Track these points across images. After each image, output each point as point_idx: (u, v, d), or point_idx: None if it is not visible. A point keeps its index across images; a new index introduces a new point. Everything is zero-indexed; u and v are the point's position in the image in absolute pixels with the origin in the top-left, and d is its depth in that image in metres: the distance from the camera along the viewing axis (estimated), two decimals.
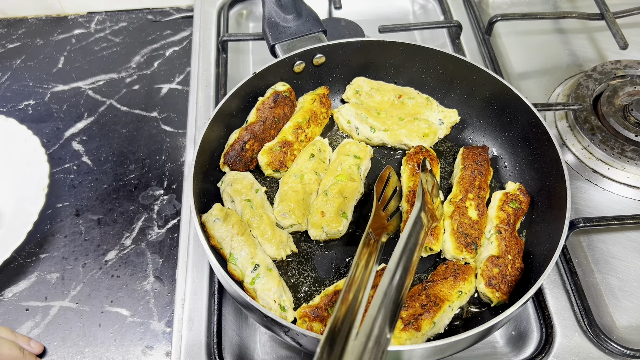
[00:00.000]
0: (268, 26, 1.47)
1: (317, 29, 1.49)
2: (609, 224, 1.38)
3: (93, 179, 1.55)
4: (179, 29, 1.96)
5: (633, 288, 1.33)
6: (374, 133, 1.45)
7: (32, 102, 1.73)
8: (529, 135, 1.37)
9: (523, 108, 1.35)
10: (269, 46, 1.47)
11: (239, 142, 1.35)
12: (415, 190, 1.31)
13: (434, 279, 1.19)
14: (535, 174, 1.37)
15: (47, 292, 1.34)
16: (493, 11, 2.00)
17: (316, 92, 1.50)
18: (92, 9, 2.01)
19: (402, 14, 2.02)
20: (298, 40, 1.46)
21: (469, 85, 1.47)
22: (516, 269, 1.20)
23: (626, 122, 1.54)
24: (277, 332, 1.05)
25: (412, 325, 1.08)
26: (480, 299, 1.23)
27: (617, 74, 1.68)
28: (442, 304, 1.13)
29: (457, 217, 1.27)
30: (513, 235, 1.25)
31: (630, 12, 1.81)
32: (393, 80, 1.56)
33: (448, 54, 1.45)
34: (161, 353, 1.25)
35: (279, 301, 1.13)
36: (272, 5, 1.47)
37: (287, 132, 1.41)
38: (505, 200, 1.30)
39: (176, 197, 1.52)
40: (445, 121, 1.49)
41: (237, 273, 1.17)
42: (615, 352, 1.19)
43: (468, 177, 1.34)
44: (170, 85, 1.79)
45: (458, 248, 1.24)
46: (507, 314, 1.02)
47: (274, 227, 1.26)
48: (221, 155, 1.37)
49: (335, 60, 1.49)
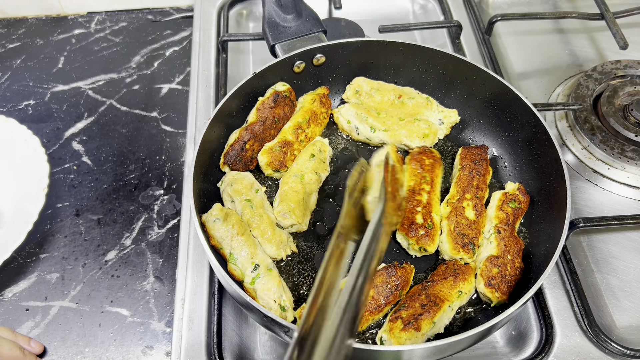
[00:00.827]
0: (268, 26, 1.47)
1: (317, 28, 1.49)
2: (609, 224, 1.38)
3: (93, 179, 1.55)
4: (179, 29, 1.96)
5: (633, 288, 1.33)
6: (374, 133, 1.45)
7: (32, 102, 1.73)
8: (529, 135, 1.37)
9: (523, 108, 1.35)
10: (269, 46, 1.47)
11: (239, 142, 1.35)
12: (415, 190, 1.31)
13: (434, 279, 1.19)
14: (535, 174, 1.37)
15: (47, 292, 1.34)
16: (493, 11, 2.00)
17: (316, 92, 1.50)
18: (92, 9, 2.01)
19: (402, 14, 2.02)
20: (298, 40, 1.46)
21: (469, 85, 1.47)
22: (515, 269, 1.20)
23: (626, 122, 1.54)
24: (277, 332, 1.05)
25: (412, 325, 1.08)
26: (480, 299, 1.23)
27: (617, 74, 1.68)
28: (442, 304, 1.13)
29: (454, 217, 1.27)
30: (512, 235, 1.25)
31: (630, 12, 1.81)
32: (393, 80, 1.55)
33: (448, 54, 1.45)
34: (161, 353, 1.25)
35: (279, 301, 1.13)
36: (272, 5, 1.47)
37: (287, 132, 1.41)
38: (505, 200, 1.30)
39: (176, 197, 1.52)
40: (445, 121, 1.49)
41: (237, 273, 1.17)
42: (615, 352, 1.19)
43: (465, 177, 1.34)
44: (170, 85, 1.79)
45: (455, 249, 1.24)
46: (507, 314, 1.02)
47: (274, 227, 1.26)
48: (221, 155, 1.36)
49: (336, 60, 1.49)
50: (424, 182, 1.32)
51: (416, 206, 1.29)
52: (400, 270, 1.18)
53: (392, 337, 1.08)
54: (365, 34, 1.74)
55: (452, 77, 1.49)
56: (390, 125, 1.45)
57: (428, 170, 1.34)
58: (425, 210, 1.28)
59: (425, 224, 1.26)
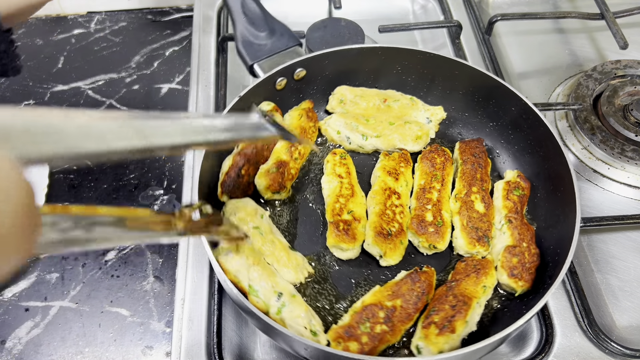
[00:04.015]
0: (243, 46, 1.42)
1: (293, 43, 1.45)
2: (609, 224, 1.38)
3: (93, 178, 1.55)
4: (179, 29, 1.96)
5: (633, 288, 1.33)
6: (366, 140, 1.43)
7: (32, 102, 1.73)
8: (518, 120, 1.38)
9: (506, 93, 1.36)
10: (247, 66, 1.42)
11: (234, 168, 1.30)
12: (425, 188, 1.32)
13: (457, 278, 1.18)
14: (531, 159, 1.38)
15: (47, 292, 1.34)
16: (493, 11, 2.00)
17: (301, 107, 1.46)
18: (92, 9, 2.01)
19: (402, 13, 2.02)
20: (276, 56, 1.42)
21: (451, 81, 1.47)
22: (532, 255, 1.21)
23: (626, 122, 1.54)
24: (299, 352, 1.04)
25: (448, 329, 1.07)
26: (501, 290, 1.23)
27: (617, 73, 1.67)
28: (470, 301, 1.13)
29: (465, 212, 1.28)
30: (523, 223, 1.26)
31: (630, 12, 1.81)
32: (374, 85, 1.54)
33: (426, 52, 1.44)
34: (161, 353, 1.25)
35: (309, 327, 1.08)
36: (244, 24, 1.42)
37: (281, 151, 1.36)
38: (509, 189, 1.31)
39: (176, 197, 1.52)
40: (432, 119, 1.49)
41: (261, 305, 1.10)
42: (615, 352, 1.19)
43: (469, 171, 1.34)
44: (170, 85, 1.79)
45: (471, 243, 1.24)
46: (544, 301, 1.03)
47: (288, 250, 1.22)
48: (218, 185, 1.30)
49: (315, 72, 1.46)
50: (434, 181, 1.33)
51: (426, 204, 1.29)
52: (423, 275, 1.16)
53: (430, 344, 1.06)
54: (366, 33, 1.74)
55: (433, 74, 1.49)
56: (382, 131, 1.44)
57: (439, 168, 1.35)
58: (436, 208, 1.29)
59: (435, 222, 1.26)
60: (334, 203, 1.29)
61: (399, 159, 1.38)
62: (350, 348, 1.06)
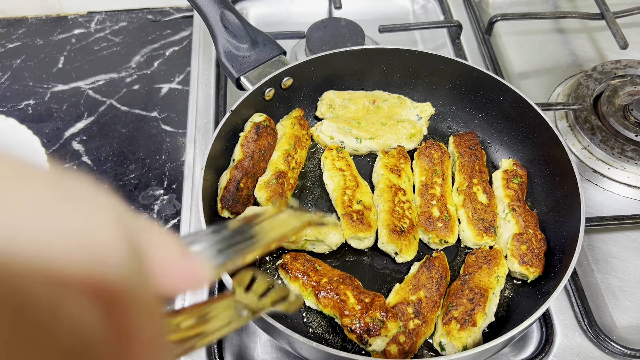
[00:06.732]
0: (227, 59, 1.39)
1: (277, 52, 1.43)
2: (609, 224, 1.38)
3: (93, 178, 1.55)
4: (179, 29, 1.96)
5: (633, 288, 1.33)
6: (360, 143, 1.43)
7: (32, 102, 1.73)
8: (508, 110, 1.40)
9: (493, 84, 1.38)
10: (233, 80, 1.40)
11: (232, 182, 1.27)
12: (427, 184, 1.33)
13: (470, 271, 1.19)
14: (524, 146, 1.40)
15: None
16: (493, 11, 2.00)
17: (292, 115, 1.46)
18: (92, 9, 2.00)
19: (402, 13, 2.02)
20: (262, 67, 1.40)
21: (437, 76, 1.48)
22: (539, 241, 1.22)
23: (626, 122, 1.54)
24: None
25: (469, 322, 1.08)
26: (512, 278, 1.25)
27: (617, 73, 1.68)
28: (487, 293, 1.14)
29: (469, 204, 1.29)
30: (526, 210, 1.27)
31: (630, 12, 1.81)
32: (360, 87, 1.54)
33: (410, 50, 1.44)
34: None
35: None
36: (225, 37, 1.40)
37: (278, 162, 1.34)
38: (507, 178, 1.32)
39: (176, 197, 1.52)
40: (422, 115, 1.49)
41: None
42: (615, 352, 1.19)
43: (467, 163, 1.35)
44: (170, 85, 1.79)
45: (478, 234, 1.25)
46: (561, 287, 1.04)
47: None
48: (217, 201, 1.28)
49: (301, 79, 1.45)
50: (435, 176, 1.34)
51: (431, 200, 1.30)
52: (436, 261, 1.19)
53: (453, 339, 1.07)
54: (366, 33, 1.74)
55: (418, 71, 1.49)
56: (375, 132, 1.43)
57: (438, 163, 1.36)
58: (441, 203, 1.30)
59: (443, 216, 1.27)
60: (341, 196, 1.30)
61: (398, 155, 1.38)
62: (392, 351, 1.06)
